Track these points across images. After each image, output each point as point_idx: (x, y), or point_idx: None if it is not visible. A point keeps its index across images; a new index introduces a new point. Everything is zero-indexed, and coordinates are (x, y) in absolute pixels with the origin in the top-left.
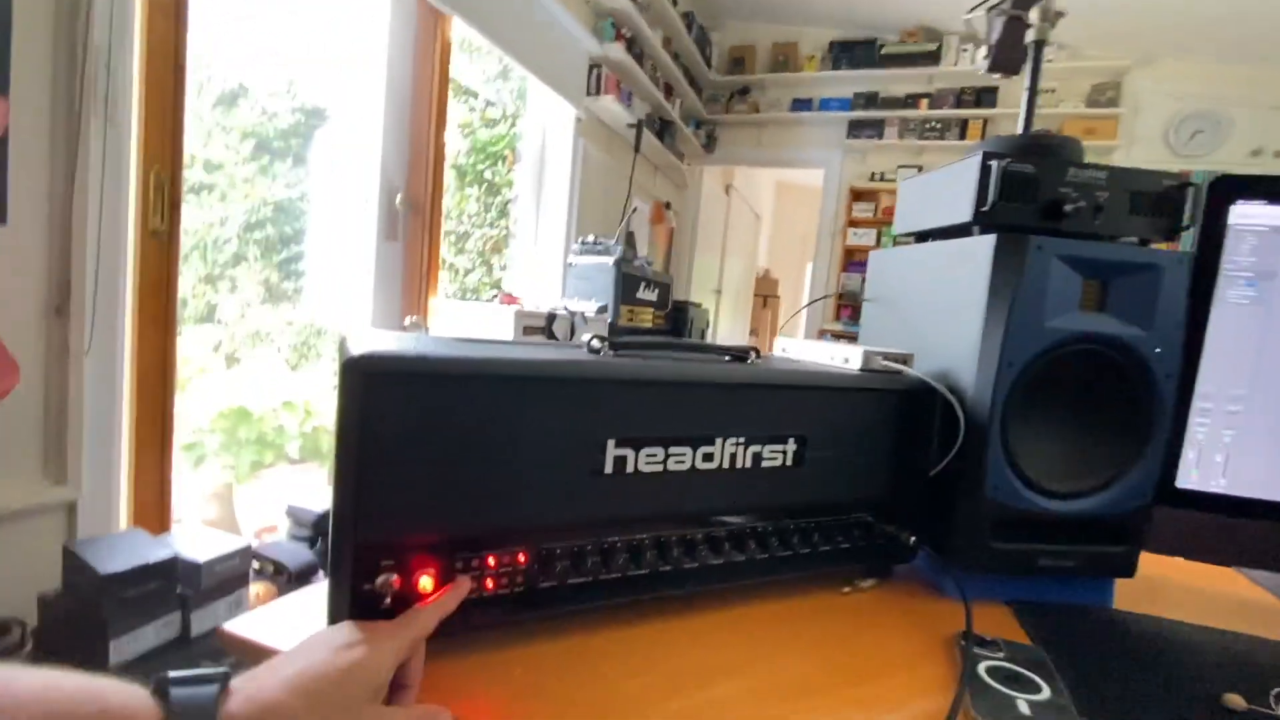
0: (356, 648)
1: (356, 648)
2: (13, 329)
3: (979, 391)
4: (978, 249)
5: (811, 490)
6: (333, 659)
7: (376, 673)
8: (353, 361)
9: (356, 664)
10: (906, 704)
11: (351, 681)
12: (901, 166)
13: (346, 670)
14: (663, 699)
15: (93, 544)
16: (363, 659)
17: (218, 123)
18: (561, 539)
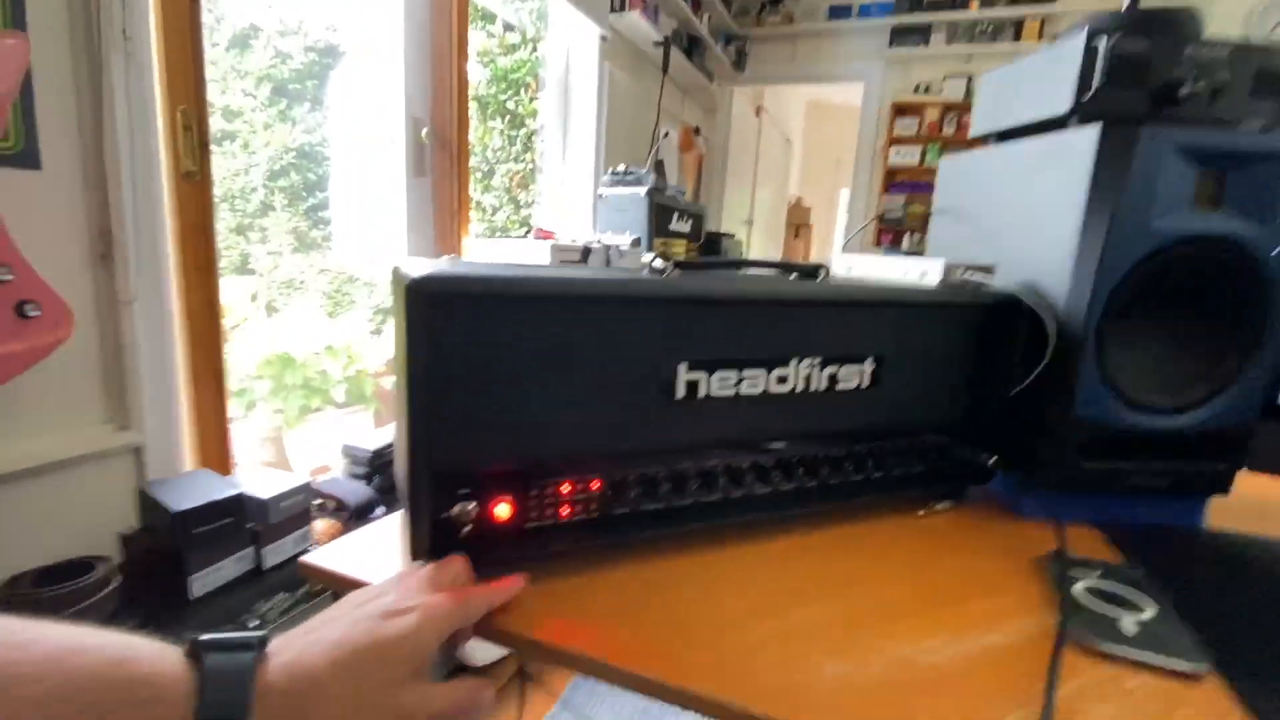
0: (402, 618)
1: (402, 618)
2: (62, 277)
3: (1072, 302)
4: (1077, 143)
5: (888, 412)
6: (375, 629)
7: (420, 650)
8: (417, 283)
9: (400, 638)
10: (1001, 625)
11: (394, 658)
12: (949, 77)
13: (389, 644)
14: (751, 621)
15: (164, 484)
16: (407, 633)
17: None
18: (635, 466)
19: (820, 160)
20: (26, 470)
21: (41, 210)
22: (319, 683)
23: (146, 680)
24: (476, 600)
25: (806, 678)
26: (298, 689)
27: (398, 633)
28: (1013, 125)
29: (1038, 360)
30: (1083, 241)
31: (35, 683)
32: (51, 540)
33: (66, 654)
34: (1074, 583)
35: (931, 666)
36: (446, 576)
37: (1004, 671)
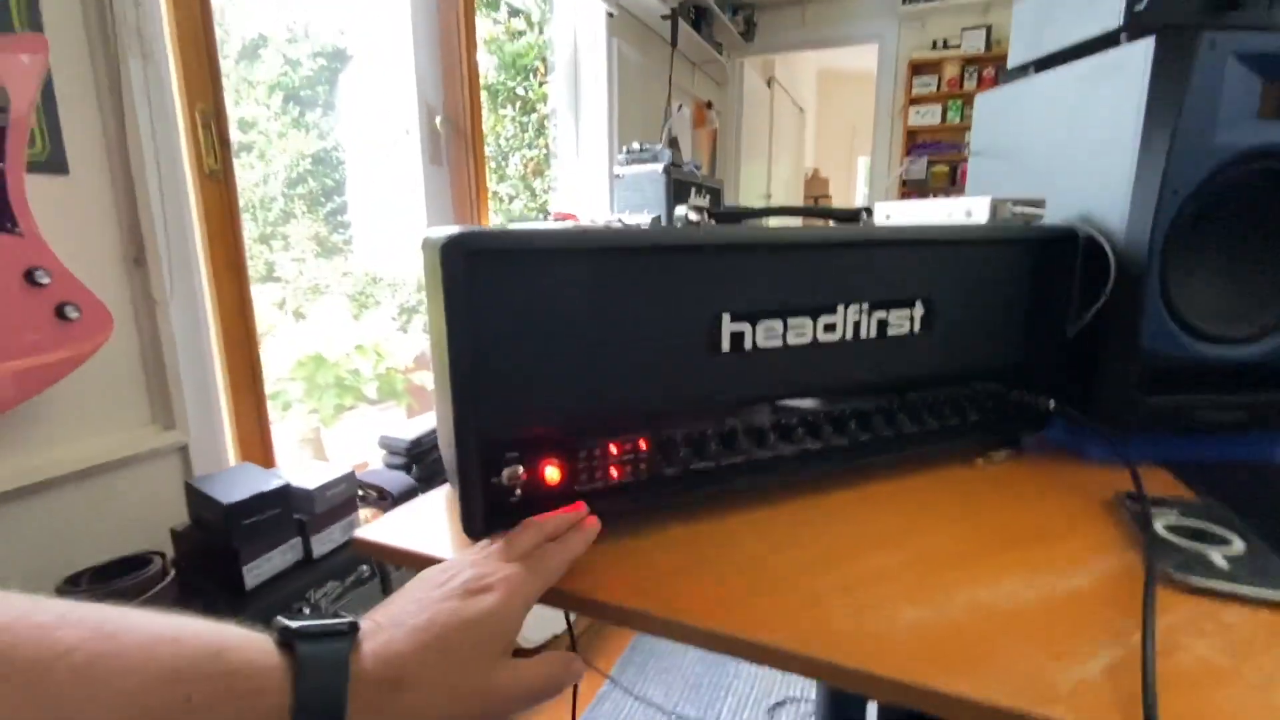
0: (486, 596)
1: (486, 596)
2: (98, 281)
3: (1133, 229)
4: (1129, 59)
5: (940, 358)
6: (462, 608)
7: (508, 625)
8: (453, 241)
9: (488, 614)
10: (1080, 567)
11: (483, 637)
12: (967, 29)
13: (478, 622)
14: (819, 571)
15: (211, 479)
16: (495, 609)
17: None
18: (682, 424)
19: (835, 129)
20: (78, 472)
21: (73, 214)
22: (411, 667)
23: (242, 671)
24: (554, 561)
25: (883, 625)
26: (391, 675)
27: (483, 610)
28: (1055, 50)
29: (1096, 296)
30: (1141, 164)
31: (130, 674)
32: (105, 539)
33: (160, 644)
34: (1155, 519)
35: (1013, 609)
36: (519, 549)
37: (1089, 611)
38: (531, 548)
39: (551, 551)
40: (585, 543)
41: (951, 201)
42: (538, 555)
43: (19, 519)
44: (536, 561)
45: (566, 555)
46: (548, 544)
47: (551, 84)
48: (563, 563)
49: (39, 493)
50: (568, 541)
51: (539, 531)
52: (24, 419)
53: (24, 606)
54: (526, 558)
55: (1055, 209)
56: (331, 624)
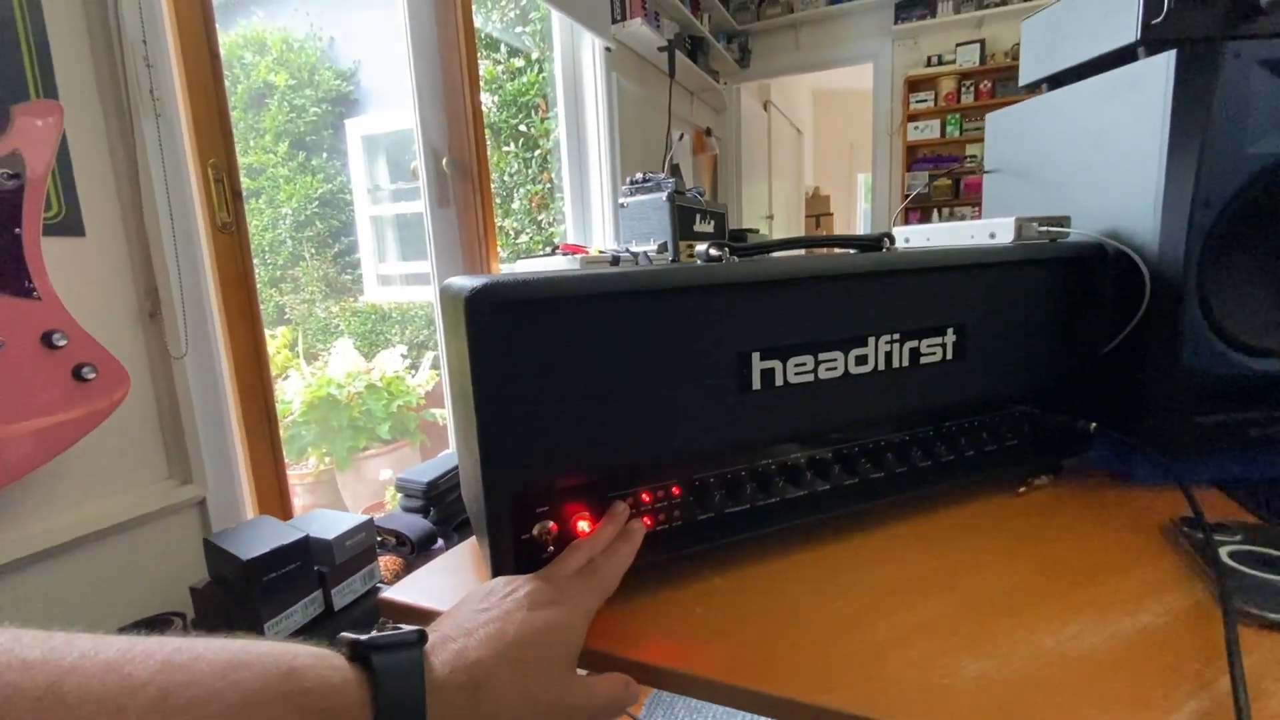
0: (552, 608)
1: (552, 608)
2: (114, 339)
3: (1166, 243)
4: (1148, 73)
5: (975, 384)
6: (531, 619)
7: (575, 639)
8: (477, 293)
9: (557, 625)
10: (1146, 603)
11: (555, 645)
12: (961, 44)
13: (547, 632)
14: (867, 621)
15: (229, 534)
16: (562, 620)
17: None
18: (714, 466)
19: (833, 148)
20: (97, 533)
21: (89, 274)
22: (488, 675)
23: (317, 689)
24: (608, 573)
25: (946, 680)
26: (468, 682)
27: (552, 623)
28: (1068, 66)
29: (1130, 312)
30: (1169, 178)
31: (207, 703)
32: (126, 600)
33: (232, 669)
34: (1219, 547)
35: (1081, 656)
36: (572, 565)
37: (1164, 654)
38: (584, 563)
39: (604, 564)
40: (634, 549)
41: (973, 224)
42: (590, 569)
43: (39, 584)
44: (591, 575)
45: (620, 565)
46: (598, 558)
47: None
48: (617, 573)
49: (59, 556)
50: (617, 552)
51: (588, 548)
52: (43, 481)
53: (87, 645)
54: (581, 573)
55: (1079, 225)
56: (400, 634)
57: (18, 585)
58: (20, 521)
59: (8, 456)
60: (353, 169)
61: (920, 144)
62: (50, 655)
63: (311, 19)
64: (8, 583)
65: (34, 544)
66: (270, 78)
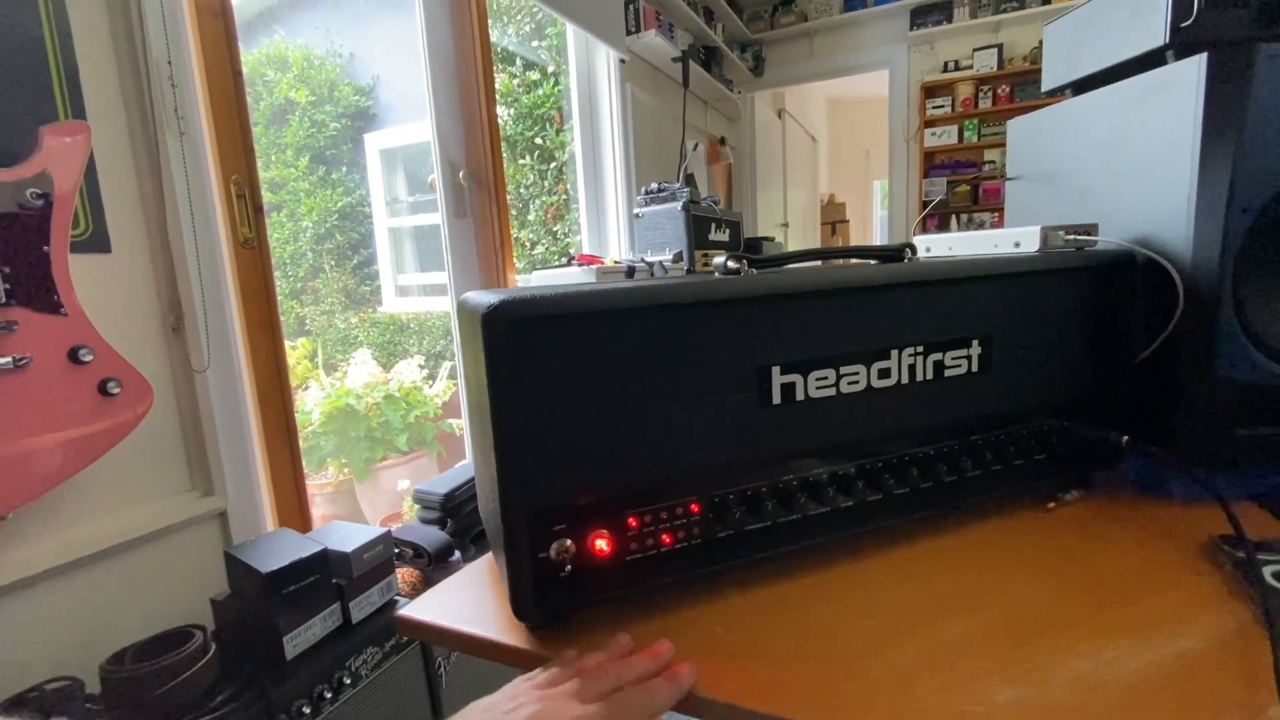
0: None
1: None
2: (139, 353)
3: (1200, 250)
4: (1178, 77)
5: (1001, 397)
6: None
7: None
8: (494, 310)
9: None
10: (1187, 625)
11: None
12: (978, 49)
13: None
14: (893, 645)
15: (248, 547)
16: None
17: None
18: (734, 483)
19: (849, 155)
20: (121, 545)
21: (115, 290)
22: None
23: None
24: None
25: (979, 707)
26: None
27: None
28: (1093, 72)
29: (1162, 321)
30: (1202, 184)
31: None
32: (148, 611)
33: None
34: (1263, 566)
35: (1120, 682)
36: (596, 691)
37: (1208, 681)
38: (610, 691)
39: (634, 700)
40: (674, 696)
41: (996, 233)
42: (617, 700)
43: (63, 595)
44: (618, 707)
45: (654, 705)
46: (629, 689)
47: (568, 131)
48: (646, 714)
49: (83, 567)
50: (653, 690)
51: (620, 675)
52: (67, 494)
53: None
54: (604, 701)
55: (1107, 233)
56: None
57: (44, 597)
58: (46, 534)
59: (35, 470)
60: (371, 182)
61: (937, 150)
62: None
63: (331, 36)
64: (34, 594)
65: (60, 556)
66: (291, 94)
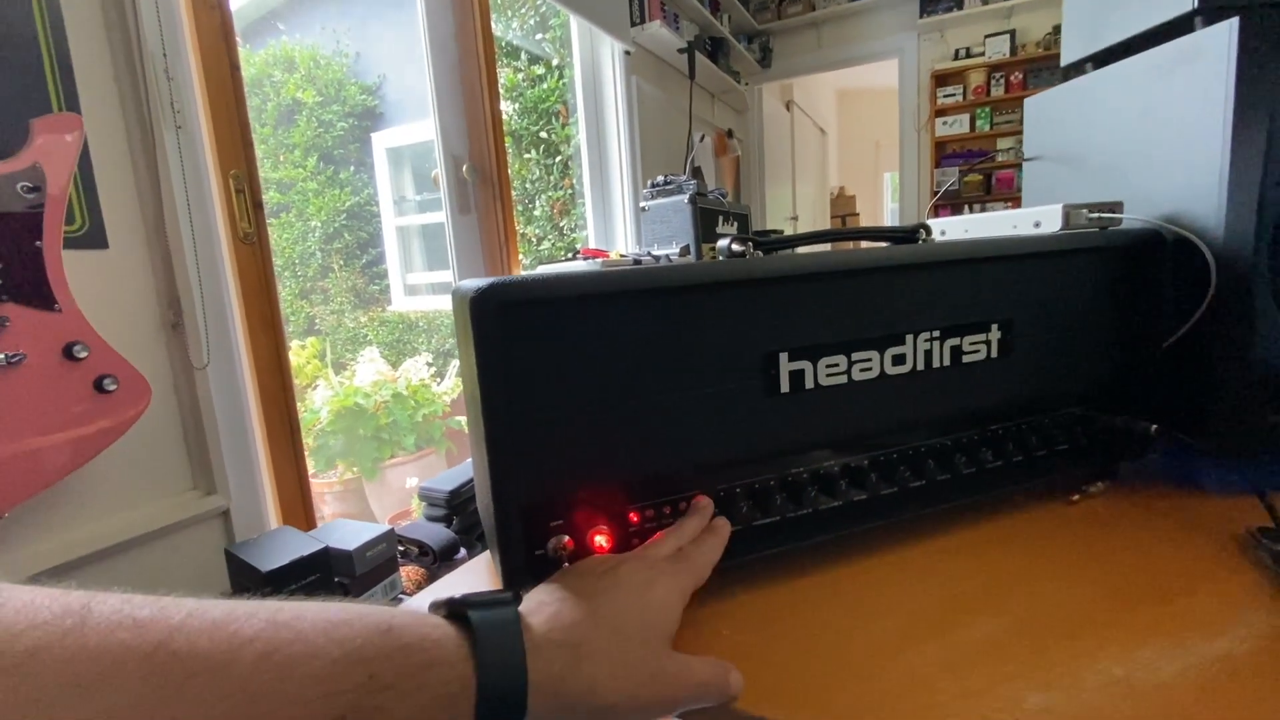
0: (649, 584)
1: (649, 584)
2: (137, 350)
3: (1233, 227)
4: (1207, 43)
5: (1022, 384)
6: (629, 592)
7: (673, 615)
8: (483, 293)
9: (653, 600)
10: (1226, 626)
11: (652, 618)
12: (990, 36)
13: (644, 605)
14: (911, 648)
15: (249, 545)
16: (659, 596)
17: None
18: (741, 476)
19: (859, 147)
20: (121, 544)
21: (112, 286)
22: (586, 637)
23: (417, 644)
24: (701, 561)
25: (1005, 715)
26: (567, 641)
27: (649, 597)
28: (1116, 42)
29: (1193, 303)
30: (1235, 156)
31: (313, 658)
32: None
33: (334, 627)
34: None
35: (1158, 686)
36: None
37: (1251, 685)
38: (675, 551)
39: (695, 553)
40: (722, 544)
41: (1015, 213)
42: (682, 556)
43: None
44: (684, 561)
45: (711, 556)
46: (686, 547)
47: (574, 125)
48: (708, 564)
49: (83, 567)
50: (705, 544)
51: (676, 537)
52: (68, 492)
53: (193, 605)
54: (673, 558)
55: (1132, 211)
56: (495, 593)
57: None
58: (47, 533)
59: (31, 468)
60: (379, 181)
61: (949, 139)
62: (159, 614)
63: (337, 36)
64: None
65: (60, 555)
66: (298, 94)
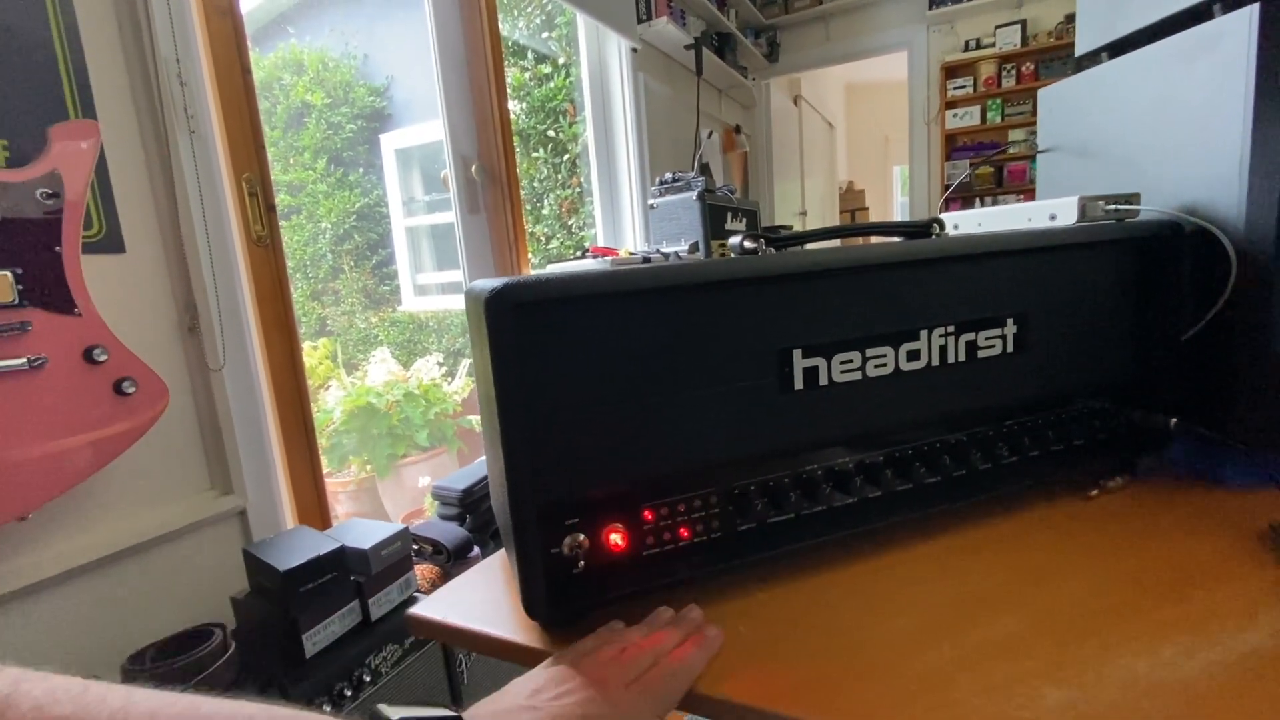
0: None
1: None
2: (154, 353)
3: (1254, 217)
4: (1227, 31)
5: (1038, 378)
6: None
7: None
8: (498, 293)
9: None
10: (1249, 621)
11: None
12: (1000, 26)
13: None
14: (929, 644)
15: (267, 545)
16: None
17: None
18: (755, 473)
19: (868, 141)
20: (140, 544)
21: (129, 290)
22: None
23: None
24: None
25: (1026, 712)
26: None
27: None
28: (1132, 31)
29: (1213, 294)
30: (1256, 145)
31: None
32: (168, 610)
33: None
34: None
35: (1181, 683)
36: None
37: (1276, 681)
38: (647, 669)
39: (668, 675)
40: (706, 659)
41: (1030, 206)
42: (652, 679)
43: (85, 594)
44: (650, 688)
45: (686, 678)
46: (664, 662)
47: (581, 123)
48: (681, 688)
49: (104, 567)
50: (686, 659)
51: (653, 652)
52: (89, 494)
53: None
54: (640, 682)
55: (1149, 202)
56: (434, 715)
57: (66, 597)
58: (69, 534)
59: (53, 470)
60: (388, 182)
61: (959, 132)
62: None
63: (346, 38)
64: (57, 594)
65: (82, 556)
66: (308, 97)
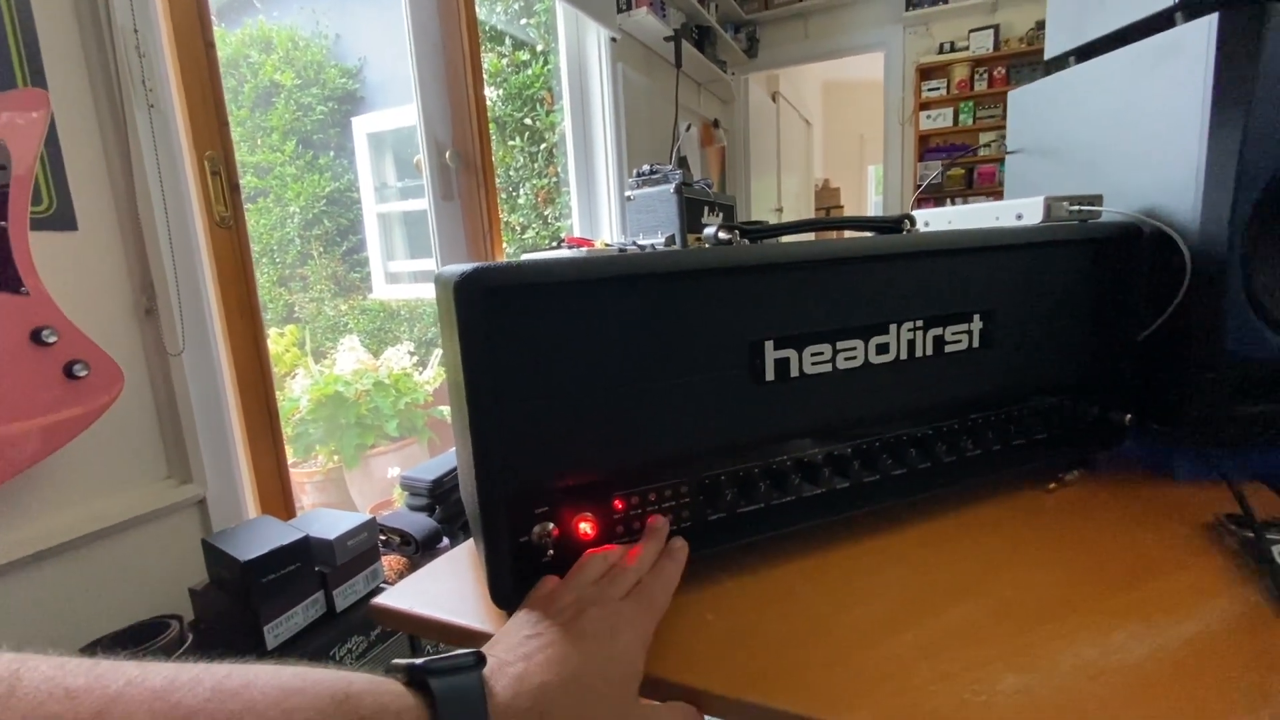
0: (611, 634)
1: (611, 634)
2: (109, 336)
3: (1208, 222)
4: (1187, 39)
5: (1002, 374)
6: (592, 645)
7: (636, 662)
8: (467, 278)
9: (617, 652)
10: (1193, 609)
11: (617, 671)
12: (974, 30)
13: (608, 659)
14: (893, 631)
15: (227, 535)
16: (621, 647)
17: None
18: (726, 464)
19: (844, 140)
20: (94, 534)
21: (82, 269)
22: (552, 701)
23: (374, 716)
24: (661, 597)
25: (982, 696)
26: (535, 706)
27: (612, 650)
28: (1099, 36)
29: (1168, 295)
30: (1211, 152)
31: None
32: (124, 602)
33: (286, 696)
34: (1271, 545)
35: (1130, 667)
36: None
37: (1220, 665)
38: (634, 584)
39: (653, 585)
40: (680, 567)
41: (998, 205)
42: (640, 590)
43: (34, 585)
44: (642, 597)
45: (668, 585)
46: (646, 578)
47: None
48: (667, 594)
49: (55, 556)
50: (664, 571)
51: (635, 570)
52: (38, 481)
53: (133, 672)
54: (632, 595)
55: (1112, 204)
56: (456, 657)
57: (14, 587)
58: (15, 522)
59: None
60: (359, 167)
61: (932, 133)
62: (95, 683)
63: (317, 16)
64: (3, 584)
65: (30, 545)
66: (277, 76)
